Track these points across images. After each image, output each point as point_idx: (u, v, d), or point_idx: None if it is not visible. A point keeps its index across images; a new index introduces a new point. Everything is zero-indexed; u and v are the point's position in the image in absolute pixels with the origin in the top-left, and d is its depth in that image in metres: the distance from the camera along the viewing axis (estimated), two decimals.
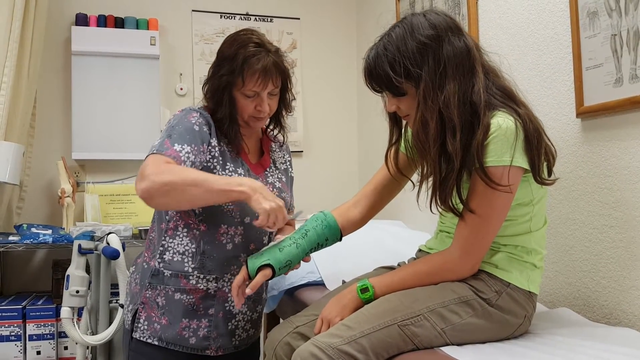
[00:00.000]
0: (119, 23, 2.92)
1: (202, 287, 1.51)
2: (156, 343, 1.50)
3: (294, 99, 1.64)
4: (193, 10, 3.11)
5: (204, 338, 1.52)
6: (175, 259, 1.51)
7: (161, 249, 1.53)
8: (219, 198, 1.38)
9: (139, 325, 1.52)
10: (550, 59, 1.75)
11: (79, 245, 2.13)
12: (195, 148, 1.44)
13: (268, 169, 1.64)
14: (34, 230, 2.45)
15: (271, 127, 1.68)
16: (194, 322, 1.50)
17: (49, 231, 2.47)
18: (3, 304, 2.35)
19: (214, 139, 1.51)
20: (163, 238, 1.53)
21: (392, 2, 2.81)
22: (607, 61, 1.50)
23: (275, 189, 1.61)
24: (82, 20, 2.86)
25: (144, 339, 1.51)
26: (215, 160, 1.50)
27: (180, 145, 1.41)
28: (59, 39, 2.88)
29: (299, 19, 3.29)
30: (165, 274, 1.51)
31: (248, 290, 1.38)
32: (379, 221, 2.29)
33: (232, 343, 1.57)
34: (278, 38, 3.23)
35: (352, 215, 1.57)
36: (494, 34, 2.02)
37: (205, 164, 1.49)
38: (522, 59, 1.87)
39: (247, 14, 3.19)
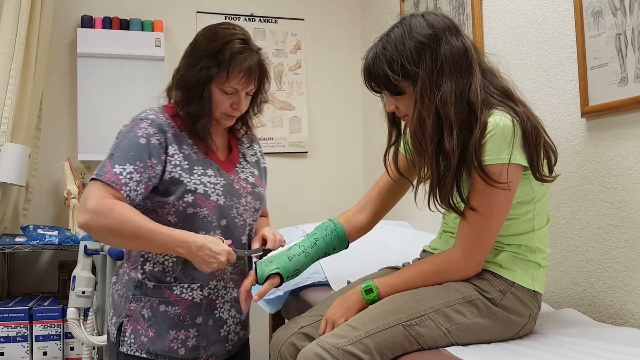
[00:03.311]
0: (124, 25, 2.93)
1: (187, 297, 1.45)
2: (145, 356, 1.45)
3: (266, 101, 1.61)
4: (198, 12, 3.11)
5: (194, 348, 1.46)
6: (156, 269, 1.45)
7: (141, 259, 1.46)
8: (158, 252, 1.41)
9: (126, 339, 1.45)
10: (555, 58, 1.75)
11: (85, 246, 2.15)
12: (141, 165, 1.37)
13: (238, 165, 1.58)
14: (40, 231, 2.47)
15: (238, 126, 1.63)
16: (181, 333, 1.45)
17: (55, 232, 2.48)
18: (10, 305, 2.37)
19: (172, 146, 1.44)
20: None
21: (396, 2, 2.81)
22: (612, 60, 1.50)
23: (248, 184, 1.56)
24: (87, 22, 2.88)
25: (132, 352, 1.45)
26: (179, 167, 1.43)
27: (120, 167, 1.35)
28: (64, 41, 2.89)
29: (303, 19, 3.29)
30: (148, 286, 1.45)
31: (255, 297, 1.39)
32: (385, 221, 2.28)
33: (225, 349, 1.53)
34: (282, 39, 3.24)
35: (357, 222, 1.58)
36: (499, 34, 2.02)
37: (169, 175, 1.42)
38: (526, 58, 1.87)
39: (251, 15, 3.20)
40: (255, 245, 1.52)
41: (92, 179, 1.35)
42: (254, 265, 1.46)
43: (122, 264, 1.56)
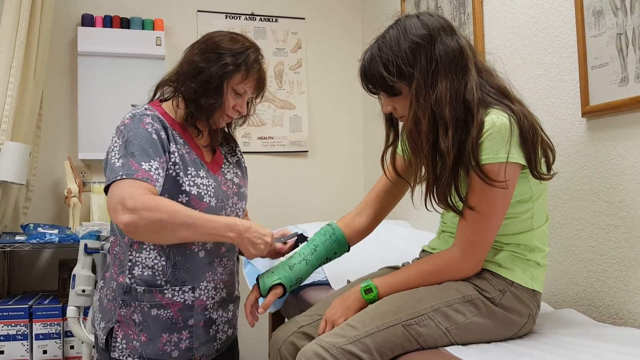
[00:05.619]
0: (125, 23, 2.93)
1: (178, 299, 1.43)
2: None
3: (252, 114, 1.62)
4: (198, 11, 3.11)
5: (187, 350, 1.45)
6: (145, 274, 1.42)
7: (129, 264, 1.43)
8: (207, 240, 1.40)
9: (117, 344, 1.43)
10: (556, 58, 1.75)
11: (85, 245, 2.15)
12: (161, 161, 1.38)
13: (223, 165, 1.59)
14: (40, 230, 2.47)
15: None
16: (174, 336, 1.44)
17: (56, 231, 2.48)
18: (10, 303, 2.37)
19: (172, 143, 1.45)
20: (130, 252, 1.44)
21: (397, 2, 2.80)
22: (613, 60, 1.50)
23: (234, 185, 1.57)
24: (88, 20, 2.88)
25: (124, 358, 1.43)
26: (177, 166, 1.43)
27: (147, 163, 1.34)
28: (65, 39, 2.89)
29: (304, 18, 3.29)
30: (138, 290, 1.42)
31: (260, 310, 1.41)
32: (385, 221, 2.28)
33: (214, 348, 1.53)
34: (283, 38, 3.24)
35: (357, 225, 1.59)
36: (499, 33, 2.02)
37: (167, 173, 1.41)
38: (527, 58, 1.87)
39: (252, 14, 3.20)
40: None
41: (119, 179, 1.31)
42: (255, 278, 1.47)
43: (108, 267, 1.53)
